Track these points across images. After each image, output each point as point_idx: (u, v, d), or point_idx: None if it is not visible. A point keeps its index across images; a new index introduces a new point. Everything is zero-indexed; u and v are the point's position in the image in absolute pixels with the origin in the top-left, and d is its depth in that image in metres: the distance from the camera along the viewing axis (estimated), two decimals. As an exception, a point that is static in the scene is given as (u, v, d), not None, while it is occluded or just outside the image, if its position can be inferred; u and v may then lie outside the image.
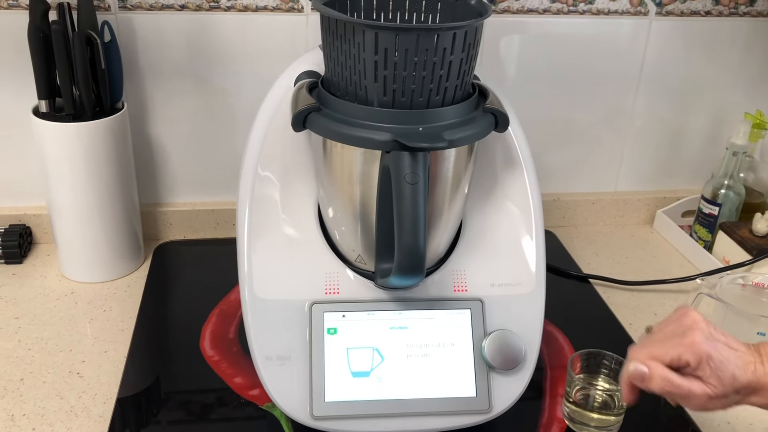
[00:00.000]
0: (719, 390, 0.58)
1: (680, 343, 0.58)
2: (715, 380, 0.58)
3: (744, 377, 0.57)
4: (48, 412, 0.72)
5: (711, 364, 0.57)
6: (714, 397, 0.58)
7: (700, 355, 0.57)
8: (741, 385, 0.58)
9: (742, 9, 1.04)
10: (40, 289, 0.93)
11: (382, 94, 0.61)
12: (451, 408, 0.67)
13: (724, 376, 0.57)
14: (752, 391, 0.58)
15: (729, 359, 0.58)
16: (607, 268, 1.03)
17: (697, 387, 0.58)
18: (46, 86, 0.86)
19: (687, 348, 0.58)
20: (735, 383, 0.57)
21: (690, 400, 0.59)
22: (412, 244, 0.59)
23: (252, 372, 0.75)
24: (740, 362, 0.58)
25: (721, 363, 0.57)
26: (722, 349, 0.58)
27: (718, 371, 0.57)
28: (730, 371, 0.57)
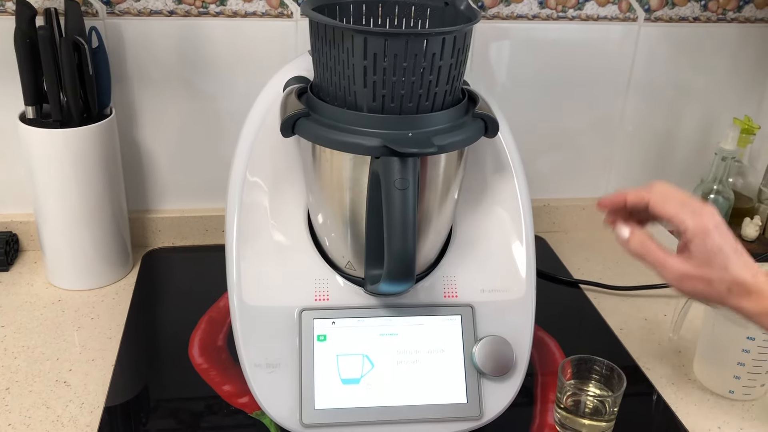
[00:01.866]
0: (702, 272, 0.58)
1: (692, 209, 0.58)
2: (702, 260, 0.57)
3: (739, 273, 0.57)
4: (34, 422, 0.71)
5: (708, 242, 0.57)
6: (693, 278, 0.58)
7: (702, 227, 0.57)
8: (733, 279, 0.57)
9: (730, 15, 1.04)
10: (27, 296, 0.92)
11: (372, 99, 0.61)
12: (441, 415, 0.67)
13: (715, 261, 0.57)
14: (745, 292, 0.57)
15: (730, 252, 0.58)
16: (597, 273, 1.03)
17: (672, 261, 0.59)
18: (32, 92, 0.86)
19: (693, 214, 0.58)
20: (726, 274, 0.57)
21: (662, 270, 0.59)
22: (402, 250, 0.59)
23: (241, 379, 0.75)
24: (740, 262, 0.58)
25: (719, 248, 0.57)
26: (728, 241, 0.58)
27: (712, 253, 0.57)
28: (724, 259, 0.57)
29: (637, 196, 0.63)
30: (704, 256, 0.58)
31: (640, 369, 0.83)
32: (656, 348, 0.87)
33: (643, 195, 0.62)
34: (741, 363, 0.76)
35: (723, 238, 0.58)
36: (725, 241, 0.58)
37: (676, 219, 0.59)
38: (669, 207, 0.60)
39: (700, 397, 0.79)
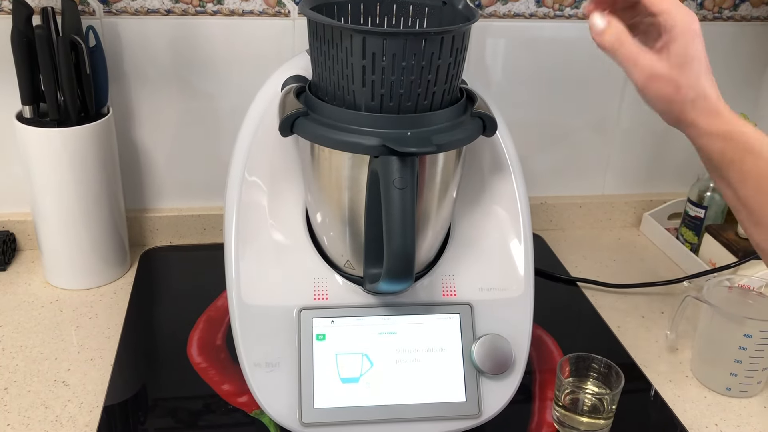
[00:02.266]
0: (674, 74, 0.56)
1: (685, 9, 0.57)
2: (679, 62, 0.56)
3: (708, 88, 0.57)
4: (33, 422, 0.71)
5: (691, 46, 0.56)
6: (663, 78, 0.57)
7: (691, 28, 0.56)
8: (702, 90, 0.57)
9: (726, 13, 1.05)
10: (25, 296, 0.92)
11: (370, 98, 0.61)
12: (441, 413, 0.67)
13: (691, 67, 0.56)
14: (707, 108, 0.57)
15: (704, 65, 0.57)
16: (595, 271, 1.03)
17: (646, 57, 0.57)
18: (29, 91, 0.85)
19: (684, 13, 0.56)
20: (697, 83, 0.56)
21: (633, 66, 0.58)
22: (402, 248, 0.59)
23: (240, 379, 0.75)
24: (710, 79, 0.57)
25: (698, 56, 0.56)
26: (705, 55, 0.57)
27: (690, 58, 0.56)
28: (698, 69, 0.56)
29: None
30: (682, 59, 0.56)
31: (637, 366, 0.83)
32: (653, 346, 0.87)
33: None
34: (738, 360, 0.76)
35: (704, 51, 0.57)
36: (704, 54, 0.57)
37: (667, 13, 0.57)
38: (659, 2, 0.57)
39: (697, 394, 0.79)
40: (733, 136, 0.57)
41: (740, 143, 0.57)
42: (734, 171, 0.58)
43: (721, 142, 0.57)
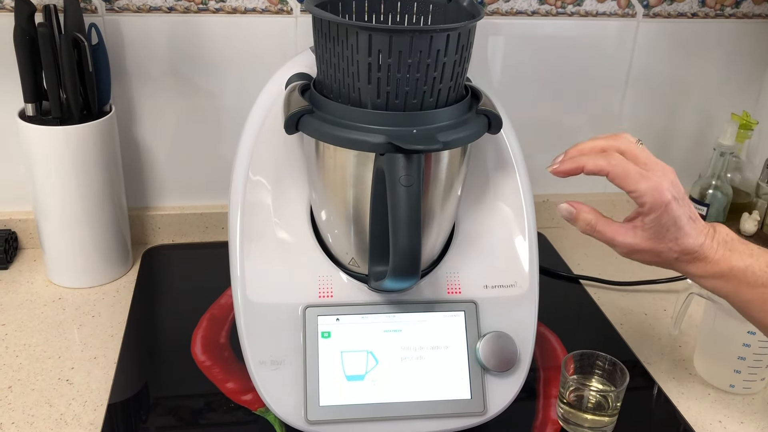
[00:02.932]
0: (651, 245, 0.59)
1: (652, 184, 0.58)
2: (654, 234, 0.59)
3: (687, 243, 0.59)
4: (37, 420, 0.71)
5: (663, 218, 0.58)
6: (643, 251, 0.60)
7: (660, 203, 0.58)
8: (681, 249, 0.59)
9: (728, 11, 1.05)
10: (27, 295, 0.92)
11: (376, 96, 0.61)
12: (446, 410, 0.67)
13: (667, 235, 0.58)
14: (691, 259, 0.60)
15: (683, 223, 0.59)
16: (597, 268, 1.03)
17: (623, 237, 0.60)
18: (32, 89, 0.85)
19: (652, 189, 0.58)
20: (675, 245, 0.59)
21: (614, 247, 0.62)
22: (408, 246, 0.59)
23: (244, 377, 0.75)
24: (691, 230, 0.59)
25: (674, 221, 0.58)
26: (683, 211, 0.59)
27: (665, 228, 0.58)
28: (675, 232, 0.58)
29: (595, 166, 0.61)
30: (658, 230, 0.59)
31: (640, 364, 0.83)
32: (656, 343, 0.87)
33: (602, 166, 0.60)
34: (741, 357, 0.77)
35: (679, 208, 0.59)
36: (681, 212, 0.59)
37: (635, 195, 0.59)
38: (628, 182, 0.59)
39: (701, 391, 0.80)
40: (724, 275, 0.60)
41: (732, 279, 0.60)
42: (737, 301, 0.61)
43: (713, 282, 0.61)
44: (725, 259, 0.60)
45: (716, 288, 0.62)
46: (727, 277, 0.60)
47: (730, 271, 0.60)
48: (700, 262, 0.60)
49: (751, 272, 0.60)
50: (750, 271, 0.60)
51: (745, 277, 0.60)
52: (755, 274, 0.59)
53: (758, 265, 0.60)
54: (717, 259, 0.60)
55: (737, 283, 0.60)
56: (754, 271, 0.60)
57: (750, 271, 0.60)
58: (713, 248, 0.60)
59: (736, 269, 0.60)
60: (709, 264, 0.60)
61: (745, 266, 0.60)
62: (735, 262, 0.60)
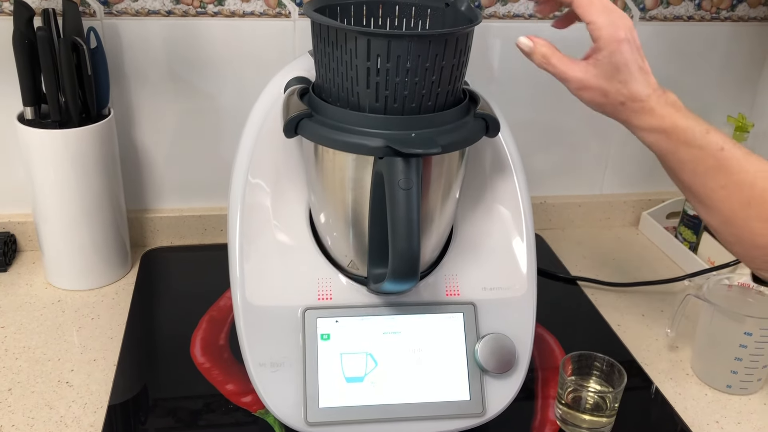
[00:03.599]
0: (601, 83, 0.61)
1: (611, 19, 0.60)
2: (605, 71, 0.60)
3: (636, 90, 0.61)
4: (37, 423, 0.71)
5: (615, 56, 0.60)
6: (592, 88, 0.62)
7: (615, 39, 0.60)
8: (629, 94, 0.61)
9: (724, 14, 1.05)
10: (26, 297, 0.92)
11: (374, 100, 0.61)
12: (445, 412, 0.67)
13: (617, 75, 0.60)
14: (638, 108, 0.62)
15: (634, 68, 0.61)
16: (594, 270, 1.04)
17: (575, 71, 0.62)
18: (31, 93, 0.85)
19: (609, 24, 0.60)
20: (624, 88, 0.61)
21: (566, 82, 0.64)
22: (407, 249, 0.59)
23: (244, 379, 0.75)
24: (642, 79, 0.61)
25: (624, 63, 0.60)
26: (635, 57, 0.61)
27: (616, 67, 0.60)
28: (626, 74, 0.60)
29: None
30: (608, 68, 0.61)
31: (638, 364, 0.84)
32: (654, 344, 0.88)
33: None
34: (738, 358, 0.77)
35: (632, 53, 0.61)
36: (633, 57, 0.61)
37: (593, 25, 0.61)
38: (592, 10, 0.61)
39: (698, 392, 0.80)
40: (665, 130, 0.62)
41: (673, 136, 0.62)
42: (671, 160, 0.64)
43: (654, 136, 0.63)
44: (669, 116, 0.62)
45: (656, 143, 0.63)
46: (668, 133, 0.62)
47: (673, 128, 0.61)
48: (646, 114, 0.62)
49: (692, 133, 0.61)
50: (690, 131, 0.61)
51: (685, 136, 0.61)
52: (695, 135, 0.61)
53: (699, 128, 0.62)
54: (662, 113, 0.62)
55: (676, 141, 0.62)
56: (695, 133, 0.61)
57: (690, 131, 0.61)
58: (660, 103, 0.62)
59: (679, 128, 0.61)
60: (654, 117, 0.62)
61: (687, 126, 0.62)
62: (679, 121, 0.62)
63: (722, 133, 0.63)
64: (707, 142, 0.62)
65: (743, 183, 0.62)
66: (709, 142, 0.62)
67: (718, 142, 0.62)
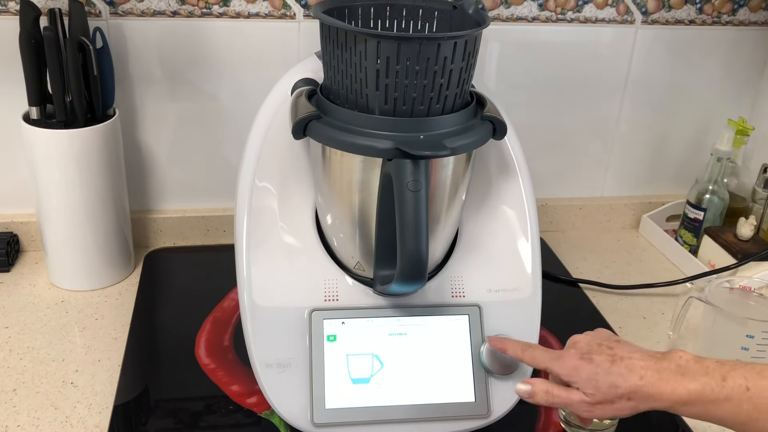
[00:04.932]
0: (598, 397, 0.60)
1: (555, 357, 0.63)
2: (592, 389, 0.60)
3: (625, 384, 0.59)
4: (43, 423, 0.71)
5: (582, 375, 0.61)
6: (595, 404, 0.61)
7: (568, 369, 0.61)
8: (625, 391, 0.59)
9: (725, 18, 1.06)
10: (30, 297, 0.92)
11: (384, 102, 0.61)
12: (450, 413, 0.68)
13: (600, 385, 0.60)
14: (644, 396, 0.59)
15: (606, 369, 0.60)
16: (595, 272, 1.05)
17: (574, 396, 0.61)
18: (37, 93, 0.85)
19: (559, 364, 0.62)
20: (617, 390, 0.59)
21: (573, 407, 0.62)
22: (415, 251, 0.60)
23: (249, 380, 0.76)
24: (623, 370, 0.60)
25: (594, 374, 0.60)
26: (601, 361, 0.61)
27: (592, 381, 0.60)
28: (607, 380, 0.60)
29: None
30: (591, 387, 0.60)
31: (640, 367, 0.84)
32: (655, 346, 0.88)
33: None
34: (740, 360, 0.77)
35: (592, 363, 0.61)
36: (596, 363, 0.60)
37: (551, 373, 0.63)
38: (544, 365, 0.64)
39: (699, 394, 0.80)
40: (685, 401, 0.59)
41: (697, 402, 0.59)
42: (711, 420, 0.60)
43: (683, 409, 0.60)
44: (680, 386, 0.58)
45: (687, 414, 0.60)
46: (692, 402, 0.59)
47: (688, 396, 0.58)
48: (655, 399, 0.59)
49: (710, 390, 0.58)
50: (709, 389, 0.58)
51: (705, 396, 0.58)
52: (714, 391, 0.58)
53: (714, 381, 0.58)
54: (668, 390, 0.59)
55: (701, 404, 0.59)
56: (713, 389, 0.58)
57: (709, 389, 0.58)
58: (658, 383, 0.59)
59: (693, 392, 0.58)
60: (664, 397, 0.59)
61: (701, 386, 0.58)
62: (689, 385, 0.58)
63: (737, 367, 0.59)
64: (730, 390, 0.57)
65: None
66: (732, 390, 0.57)
67: (741, 384, 0.58)
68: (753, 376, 0.58)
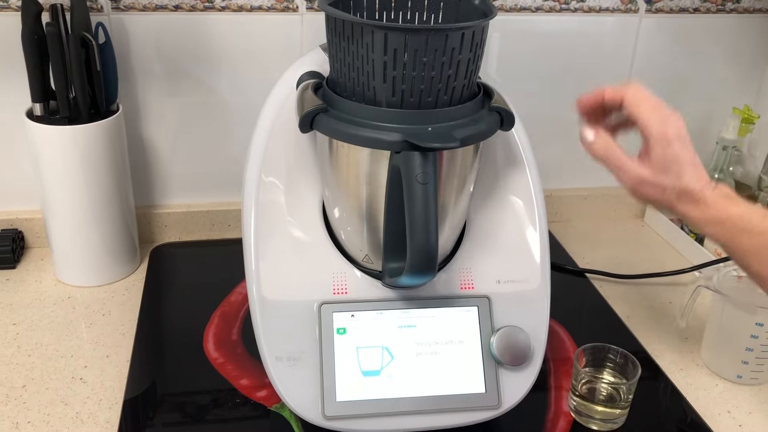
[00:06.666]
0: (657, 179, 0.62)
1: (660, 116, 0.62)
2: (660, 167, 0.61)
3: (690, 183, 0.61)
4: (53, 419, 0.72)
5: (668, 151, 0.61)
6: (648, 183, 0.62)
7: (665, 136, 0.61)
8: (683, 187, 0.61)
9: (729, 6, 1.05)
10: (36, 294, 0.92)
11: (391, 94, 0.61)
12: (461, 404, 0.68)
13: (671, 169, 0.61)
14: (692, 200, 0.61)
15: (686, 163, 0.61)
16: (601, 262, 1.04)
17: (632, 165, 0.63)
18: (40, 89, 0.85)
19: (659, 123, 0.61)
20: (678, 182, 0.61)
21: (622, 173, 0.64)
22: (425, 243, 0.59)
23: (258, 373, 0.76)
24: (694, 173, 0.61)
25: (676, 157, 0.61)
26: (687, 152, 0.61)
27: (669, 161, 0.61)
28: (679, 169, 0.61)
29: (614, 92, 0.66)
30: (662, 164, 0.61)
31: (649, 356, 0.84)
32: (663, 335, 0.88)
33: (620, 92, 0.65)
34: (749, 348, 0.78)
35: (683, 149, 0.61)
36: (684, 152, 0.61)
37: (643, 123, 0.62)
38: (642, 109, 0.63)
39: (708, 382, 0.81)
40: (721, 220, 0.61)
41: (730, 225, 0.61)
42: (735, 250, 0.62)
43: (713, 227, 0.62)
44: (723, 206, 0.61)
45: (715, 234, 0.63)
46: (725, 223, 0.61)
47: (727, 217, 0.61)
48: (701, 204, 0.61)
49: (748, 219, 0.61)
50: (747, 218, 0.61)
51: (742, 223, 0.61)
52: (752, 222, 0.60)
53: (756, 214, 0.61)
54: (715, 205, 0.61)
55: (734, 230, 0.61)
56: (751, 219, 0.61)
57: (747, 218, 0.61)
58: (713, 195, 0.62)
59: (734, 215, 0.61)
60: (708, 208, 0.61)
61: (742, 213, 0.61)
62: (732, 209, 0.61)
63: None
64: (767, 227, 0.60)
65: None
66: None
67: None
68: None
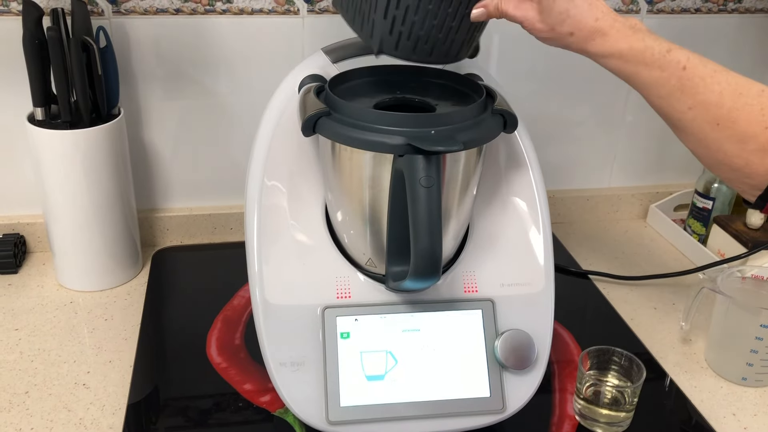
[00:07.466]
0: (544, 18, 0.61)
1: None
2: (544, 7, 0.61)
3: (582, 17, 0.60)
4: (56, 425, 0.71)
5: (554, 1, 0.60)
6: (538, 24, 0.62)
7: None
8: (575, 23, 0.60)
9: (731, 6, 1.05)
10: (38, 299, 0.91)
11: (388, 32, 0.61)
12: (466, 409, 0.67)
13: (555, 9, 0.60)
14: (590, 36, 0.61)
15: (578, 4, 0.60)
16: (604, 263, 1.04)
17: (524, 12, 0.62)
18: (41, 93, 0.85)
19: None
20: (568, 18, 0.60)
21: (520, 23, 0.64)
22: (429, 247, 0.59)
23: (261, 378, 0.75)
24: (587, 7, 0.60)
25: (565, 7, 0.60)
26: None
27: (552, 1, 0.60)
28: (565, 6, 0.60)
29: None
30: (546, 3, 0.61)
31: (653, 358, 0.84)
32: (667, 337, 0.88)
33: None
34: (754, 350, 0.77)
35: None
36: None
37: None
38: None
39: (713, 384, 0.80)
40: (622, 53, 0.61)
41: (630, 58, 0.61)
42: (636, 84, 0.62)
43: (613, 61, 0.62)
44: (624, 38, 0.60)
45: (616, 68, 0.62)
46: (625, 56, 0.61)
47: (629, 50, 0.60)
48: (598, 39, 0.61)
49: (650, 53, 0.60)
50: (649, 52, 0.60)
51: (643, 57, 0.60)
52: (653, 56, 0.60)
53: (658, 48, 0.60)
54: (616, 36, 0.60)
55: (635, 63, 0.60)
56: (653, 53, 0.60)
57: (649, 52, 0.60)
58: (614, 26, 0.61)
59: (635, 49, 0.60)
60: (606, 40, 0.60)
61: (645, 47, 0.60)
62: (635, 43, 0.60)
63: (688, 51, 0.61)
64: (667, 61, 0.60)
65: (709, 103, 0.60)
66: (670, 62, 0.60)
67: (681, 61, 0.60)
68: (695, 60, 0.60)
